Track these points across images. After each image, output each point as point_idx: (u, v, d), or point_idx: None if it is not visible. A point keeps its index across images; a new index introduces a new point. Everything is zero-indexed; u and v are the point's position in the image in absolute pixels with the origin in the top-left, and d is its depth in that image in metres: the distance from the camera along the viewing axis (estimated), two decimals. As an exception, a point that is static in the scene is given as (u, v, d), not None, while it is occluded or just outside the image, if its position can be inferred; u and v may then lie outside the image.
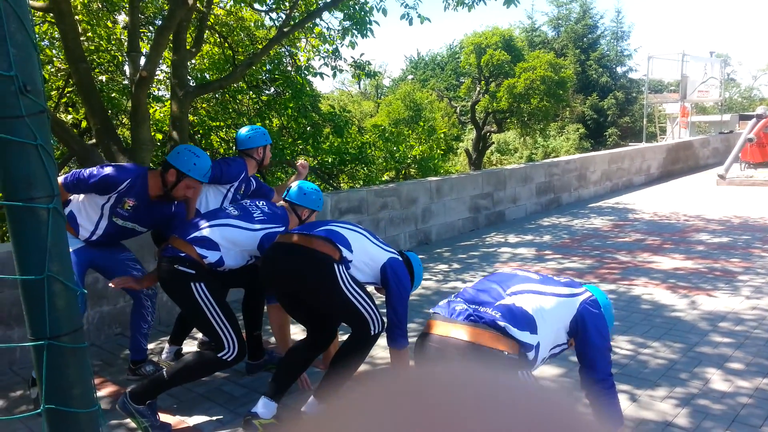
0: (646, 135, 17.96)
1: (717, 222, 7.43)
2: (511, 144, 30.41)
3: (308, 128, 8.40)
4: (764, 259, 5.55)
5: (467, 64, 24.55)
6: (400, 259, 2.98)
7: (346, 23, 8.10)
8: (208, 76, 9.38)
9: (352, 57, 8.80)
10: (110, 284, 3.15)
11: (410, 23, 7.72)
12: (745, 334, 3.77)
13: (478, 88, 23.83)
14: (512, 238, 7.03)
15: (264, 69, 9.35)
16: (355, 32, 7.93)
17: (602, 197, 9.98)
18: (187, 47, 7.06)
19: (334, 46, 8.52)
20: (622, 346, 3.66)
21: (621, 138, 28.03)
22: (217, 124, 8.99)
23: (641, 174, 11.63)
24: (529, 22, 32.68)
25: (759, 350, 3.50)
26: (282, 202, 3.35)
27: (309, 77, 9.43)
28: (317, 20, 8.44)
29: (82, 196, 3.14)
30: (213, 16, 8.52)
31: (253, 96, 9.20)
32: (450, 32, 63.14)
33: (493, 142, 28.08)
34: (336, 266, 2.76)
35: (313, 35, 8.84)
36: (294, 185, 3.41)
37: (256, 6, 8.46)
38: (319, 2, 8.32)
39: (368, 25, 7.85)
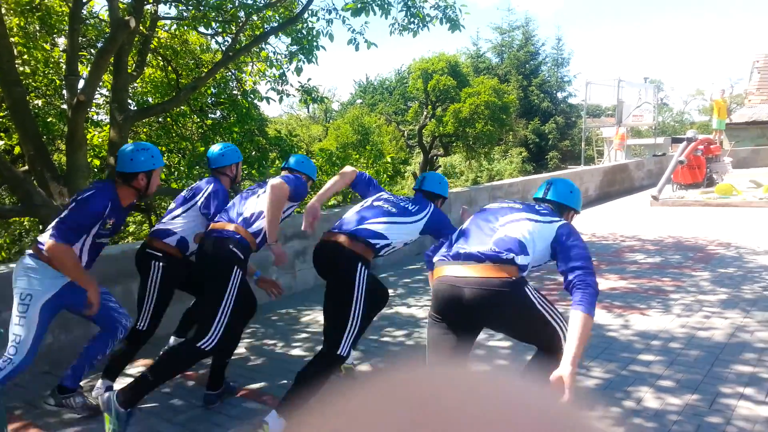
0: (585, 158, 18.63)
1: (651, 242, 7.76)
2: (457, 167, 30.97)
3: (254, 152, 8.34)
4: (694, 278, 5.82)
5: (414, 89, 25.00)
6: (432, 211, 3.22)
7: (294, 48, 8.13)
8: (150, 100, 9.22)
9: (299, 82, 8.81)
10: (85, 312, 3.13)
11: (357, 48, 7.82)
12: (677, 351, 3.93)
13: (425, 113, 24.27)
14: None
15: (209, 93, 9.26)
16: (302, 57, 7.97)
17: (544, 219, 10.27)
18: (129, 70, 6.95)
19: (281, 71, 8.53)
20: (560, 366, 3.76)
21: (561, 161, 28.97)
22: (159, 149, 8.82)
23: (581, 196, 12.02)
24: (474, 49, 33.62)
25: (688, 367, 3.65)
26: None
27: (256, 101, 9.39)
28: (264, 44, 8.45)
29: None
30: (156, 39, 8.41)
31: (197, 120, 9.09)
32: (398, 57, 64.38)
33: (440, 166, 28.55)
34: (360, 265, 2.98)
35: (260, 59, 8.84)
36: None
37: (202, 29, 8.41)
38: (266, 27, 8.34)
39: (314, 51, 7.91)
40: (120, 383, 3.60)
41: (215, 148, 3.90)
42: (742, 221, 8.96)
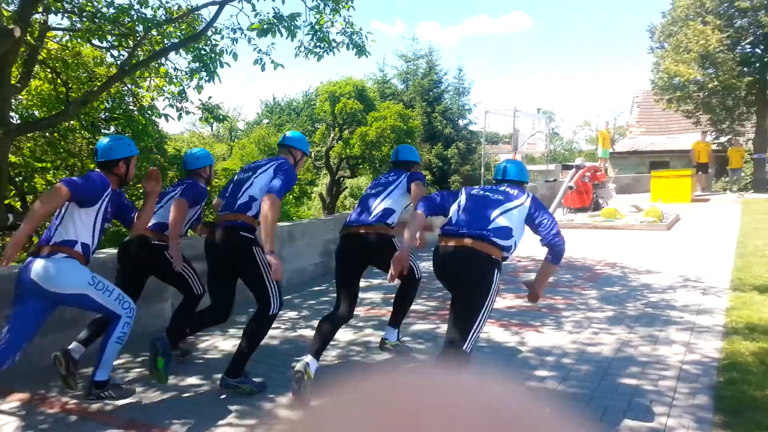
0: (484, 182, 19.41)
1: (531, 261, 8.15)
2: (363, 189, 31.21)
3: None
4: (584, 296, 6.16)
5: (322, 111, 25.10)
6: (409, 174, 4.15)
7: (195, 65, 7.90)
8: (36, 113, 8.59)
9: (200, 99, 8.54)
10: None
11: (263, 69, 7.72)
12: (569, 366, 4.12)
13: (332, 135, 24.36)
14: (362, 283, 7.12)
15: (102, 107, 8.78)
16: (203, 75, 7.75)
17: (447, 241, 10.54)
18: (13, 82, 6.44)
19: (181, 88, 8.25)
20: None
21: (463, 184, 29.98)
22: (44, 165, 8.21)
23: (481, 219, 12.46)
24: (381, 75, 34.28)
25: (580, 382, 3.84)
26: None
27: (154, 118, 9.00)
28: (164, 60, 8.15)
29: (79, 224, 3.35)
30: (45, 50, 7.88)
31: (88, 136, 8.57)
32: (306, 78, 64.34)
33: (347, 187, 28.67)
34: (394, 241, 3.95)
35: (159, 75, 8.50)
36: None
37: (96, 42, 7.97)
38: (166, 42, 8.06)
39: (217, 69, 7.72)
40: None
41: (189, 152, 4.56)
42: (625, 243, 9.65)
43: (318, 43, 7.57)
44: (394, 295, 4.42)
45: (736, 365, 3.86)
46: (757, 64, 17.69)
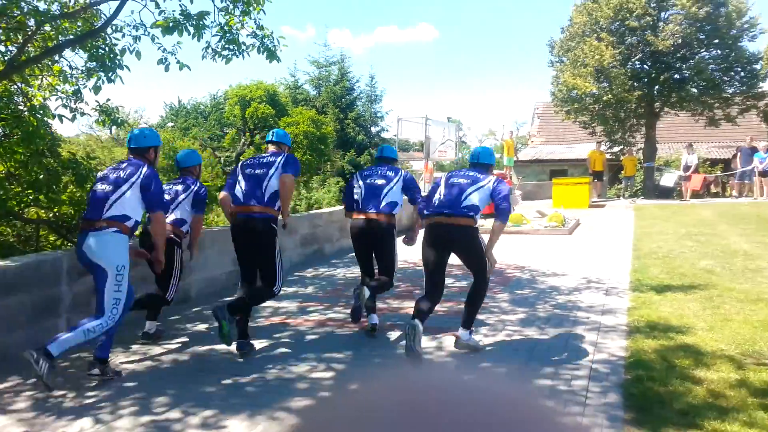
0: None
1: (457, 267, 8.25)
2: (275, 196, 30.66)
3: (42, 176, 7.32)
4: (496, 299, 6.30)
5: (231, 115, 24.43)
6: (405, 172, 5.25)
7: (91, 64, 7.38)
8: None
9: (96, 101, 7.99)
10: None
11: (167, 69, 7.34)
12: (485, 370, 4.17)
13: (243, 140, 23.77)
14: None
15: (-13, 106, 8.00)
16: (102, 75, 7.25)
17: (361, 247, 10.51)
18: None
19: (75, 87, 7.67)
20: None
21: (377, 191, 30.26)
22: None
23: (395, 225, 12.55)
24: (292, 80, 33.87)
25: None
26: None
27: (46, 119, 8.31)
28: (58, 57, 7.56)
29: (136, 201, 3.91)
30: None
31: (-29, 137, 7.78)
32: (215, 81, 62.54)
33: (258, 194, 28.01)
34: (392, 230, 5.00)
35: (52, 73, 7.87)
36: None
37: (-20, 36, 7.25)
38: (61, 38, 7.48)
39: (117, 69, 7.25)
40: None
41: (182, 152, 5.42)
42: (532, 247, 10.03)
43: (227, 45, 7.30)
44: (311, 304, 4.33)
45: (641, 363, 4.06)
46: (646, 80, 19.06)
